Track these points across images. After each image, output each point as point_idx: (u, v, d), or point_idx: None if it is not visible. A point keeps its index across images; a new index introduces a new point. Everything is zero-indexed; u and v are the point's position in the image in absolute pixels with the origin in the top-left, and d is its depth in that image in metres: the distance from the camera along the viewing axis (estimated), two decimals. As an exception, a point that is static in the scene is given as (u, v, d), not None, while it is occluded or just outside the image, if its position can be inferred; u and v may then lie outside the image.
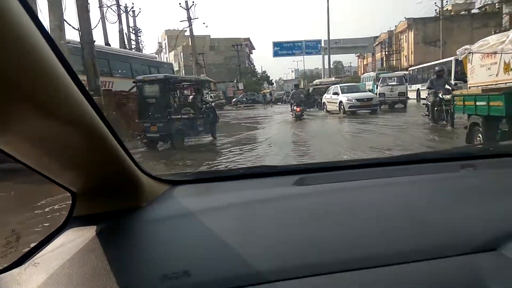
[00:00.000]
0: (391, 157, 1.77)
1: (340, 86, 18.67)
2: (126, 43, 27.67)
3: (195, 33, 58.80)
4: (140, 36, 32.50)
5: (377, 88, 21.97)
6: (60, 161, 0.74)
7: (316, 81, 28.01)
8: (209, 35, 59.50)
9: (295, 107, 16.02)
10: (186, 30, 65.93)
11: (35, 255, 0.78)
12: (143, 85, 9.89)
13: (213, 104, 13.16)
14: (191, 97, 11.41)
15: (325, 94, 19.69)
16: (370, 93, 19.15)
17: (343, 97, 17.06)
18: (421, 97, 22.65)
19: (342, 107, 16.91)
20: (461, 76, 22.24)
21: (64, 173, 0.79)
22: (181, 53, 53.81)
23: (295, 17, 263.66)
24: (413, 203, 0.89)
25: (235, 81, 44.17)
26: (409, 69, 26.94)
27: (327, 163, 1.46)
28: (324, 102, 19.52)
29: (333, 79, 28.25)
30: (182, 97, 11.31)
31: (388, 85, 20.22)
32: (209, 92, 19.23)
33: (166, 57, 61.97)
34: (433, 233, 0.75)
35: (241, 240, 0.77)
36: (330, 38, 34.02)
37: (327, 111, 18.68)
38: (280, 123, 16.05)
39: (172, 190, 1.04)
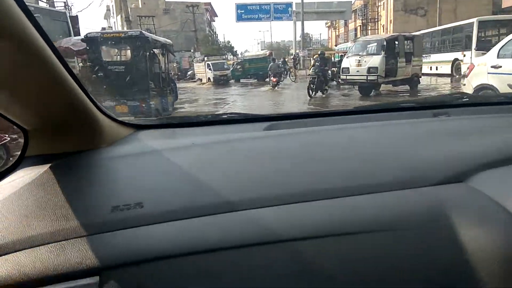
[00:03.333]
0: (364, 106, 1.53)
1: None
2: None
3: (146, -6, 51.28)
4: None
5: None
6: (9, 93, 0.70)
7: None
8: (164, -3, 52.45)
9: (272, 78, 17.70)
10: (137, -9, 58.17)
11: None
12: (102, 46, 7.10)
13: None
14: (161, 65, 8.06)
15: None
16: None
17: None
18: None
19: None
20: (488, 44, 16.05)
21: (14, 107, 0.76)
22: (130, 16, 46.40)
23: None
24: (381, 142, 0.91)
25: (192, 51, 37.85)
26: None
27: (296, 113, 1.48)
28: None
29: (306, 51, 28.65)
30: (153, 65, 7.77)
31: (357, 54, 13.02)
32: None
33: (114, 22, 54.47)
34: (399, 167, 0.76)
35: (199, 175, 0.77)
36: (303, 1, 28.71)
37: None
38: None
39: (135, 134, 1.03)
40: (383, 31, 40.38)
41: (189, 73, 33.23)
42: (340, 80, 14.18)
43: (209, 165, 0.82)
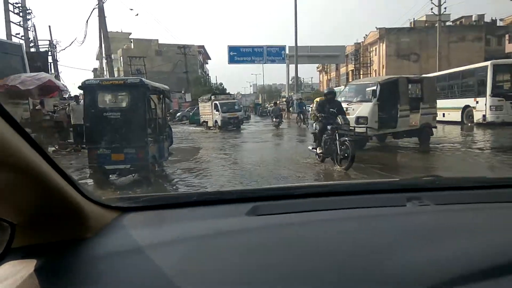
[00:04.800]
0: (347, 184, 1.65)
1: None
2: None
3: (140, 36, 51.34)
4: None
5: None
6: None
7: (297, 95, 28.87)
8: (157, 40, 52.53)
9: (274, 119, 21.57)
10: (131, 33, 58.51)
11: None
12: (98, 93, 6.76)
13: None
14: (158, 111, 7.62)
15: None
16: None
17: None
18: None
19: None
20: (504, 90, 14.75)
21: None
22: (121, 57, 46.00)
23: (257, 24, 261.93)
24: (364, 241, 0.88)
25: (182, 92, 37.00)
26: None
27: (283, 188, 1.60)
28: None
29: (299, 95, 28.60)
30: (151, 112, 7.30)
31: (346, 101, 10.64)
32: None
33: (105, 62, 54.18)
34: (361, 280, 0.73)
35: (187, 280, 0.75)
36: (297, 45, 28.32)
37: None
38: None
39: (120, 219, 1.02)
40: (376, 76, 40.22)
41: (178, 114, 32.09)
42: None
43: (196, 267, 0.80)
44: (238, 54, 33.41)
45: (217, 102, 22.07)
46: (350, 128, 8.98)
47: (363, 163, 7.97)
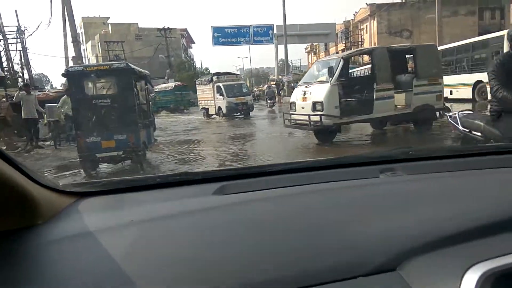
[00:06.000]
0: (316, 160, 1.49)
1: None
2: None
3: (118, 21, 48.62)
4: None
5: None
6: None
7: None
8: (137, 24, 49.99)
9: (269, 100, 22.61)
10: (109, 18, 55.64)
11: None
12: (84, 79, 6.66)
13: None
14: (141, 97, 7.42)
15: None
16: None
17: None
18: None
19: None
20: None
21: None
22: (98, 43, 43.49)
23: (243, 3, 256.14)
24: (334, 213, 0.87)
25: (165, 77, 34.96)
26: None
27: (250, 168, 1.55)
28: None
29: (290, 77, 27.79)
30: (138, 98, 7.20)
31: (306, 83, 8.93)
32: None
33: (84, 49, 51.48)
34: (331, 252, 0.72)
35: (141, 263, 0.71)
36: (286, 23, 26.51)
37: None
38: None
39: (77, 204, 0.97)
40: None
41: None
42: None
43: (154, 248, 0.76)
44: (223, 35, 31.49)
45: (220, 84, 17.96)
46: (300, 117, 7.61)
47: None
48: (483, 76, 13.75)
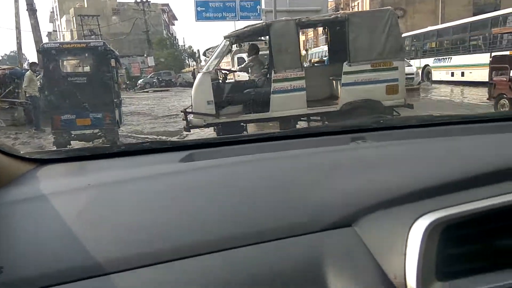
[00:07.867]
0: (288, 130, 1.65)
1: None
2: None
3: (94, -7, 45.37)
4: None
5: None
6: None
7: None
8: (115, -3, 46.73)
9: None
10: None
11: None
12: (59, 57, 6.64)
13: None
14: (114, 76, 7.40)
15: None
16: None
17: None
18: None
19: None
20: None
21: None
22: (73, 18, 40.36)
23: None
24: (284, 178, 0.88)
25: (145, 55, 32.53)
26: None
27: (220, 138, 1.54)
28: None
29: None
30: (113, 76, 7.17)
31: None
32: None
33: (58, 25, 48.08)
34: (289, 210, 0.74)
35: (93, 226, 0.71)
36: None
37: None
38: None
39: (36, 170, 0.95)
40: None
41: (140, 81, 27.98)
42: None
43: (107, 212, 0.75)
44: (206, 10, 29.03)
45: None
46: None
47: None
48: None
